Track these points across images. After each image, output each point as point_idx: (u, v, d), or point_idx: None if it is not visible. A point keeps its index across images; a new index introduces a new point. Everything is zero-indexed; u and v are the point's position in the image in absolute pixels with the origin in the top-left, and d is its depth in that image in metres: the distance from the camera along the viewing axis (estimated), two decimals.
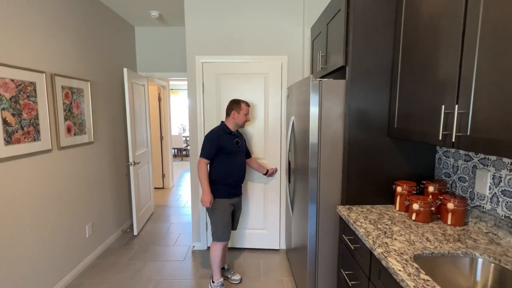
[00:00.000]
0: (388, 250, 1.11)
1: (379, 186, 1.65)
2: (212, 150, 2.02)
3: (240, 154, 2.13)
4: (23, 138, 1.80)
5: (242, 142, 2.17)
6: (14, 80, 1.74)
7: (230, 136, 2.08)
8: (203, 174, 2.00)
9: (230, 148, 2.05)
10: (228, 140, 2.06)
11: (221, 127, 2.11)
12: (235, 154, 2.08)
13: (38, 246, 1.92)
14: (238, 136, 2.16)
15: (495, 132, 0.89)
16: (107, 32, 2.86)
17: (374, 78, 1.56)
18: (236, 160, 2.09)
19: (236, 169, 2.09)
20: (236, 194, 2.14)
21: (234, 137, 2.10)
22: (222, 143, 2.03)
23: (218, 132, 2.07)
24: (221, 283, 2.09)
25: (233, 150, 2.06)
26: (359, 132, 1.61)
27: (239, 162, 2.12)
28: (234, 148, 2.07)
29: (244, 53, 2.57)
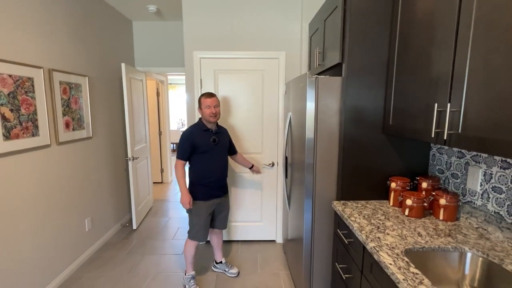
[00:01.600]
0: (380, 245, 1.14)
1: (374, 182, 1.68)
2: (187, 150, 1.94)
3: (218, 152, 2.01)
4: (21, 134, 1.81)
5: (222, 140, 2.04)
6: (12, 76, 1.74)
7: (206, 134, 1.97)
8: (179, 176, 1.94)
9: (205, 147, 1.95)
10: (203, 138, 1.95)
11: (197, 124, 2.02)
12: (211, 152, 1.97)
13: (38, 240, 1.95)
14: (218, 133, 2.03)
15: (484, 131, 0.91)
16: (104, 27, 2.84)
17: (370, 75, 1.57)
18: (212, 159, 1.98)
19: (213, 168, 1.99)
20: (216, 196, 2.04)
21: (211, 134, 1.99)
22: (196, 142, 1.93)
23: (193, 130, 1.97)
24: (191, 276, 2.11)
25: (209, 149, 1.96)
26: (354, 129, 1.63)
27: (217, 160, 2.01)
28: (210, 146, 1.96)
29: (242, 48, 2.57)
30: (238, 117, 2.65)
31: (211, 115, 1.94)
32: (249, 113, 2.65)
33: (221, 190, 2.08)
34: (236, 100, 2.63)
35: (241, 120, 2.66)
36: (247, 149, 2.69)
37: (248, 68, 2.59)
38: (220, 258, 2.33)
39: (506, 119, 0.83)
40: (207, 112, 1.94)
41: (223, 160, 2.07)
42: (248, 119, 2.65)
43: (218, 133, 2.04)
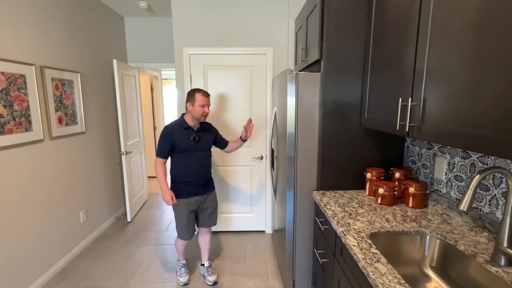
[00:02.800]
0: (348, 229, 1.23)
1: (352, 173, 1.77)
2: (165, 148, 1.89)
3: (199, 151, 1.93)
4: (15, 129, 1.88)
5: (204, 137, 1.97)
6: (4, 73, 1.80)
7: (186, 132, 1.89)
8: (158, 173, 1.91)
9: (184, 146, 1.88)
10: (183, 137, 1.88)
11: (178, 121, 1.93)
12: (191, 151, 1.90)
13: (34, 231, 2.04)
14: (200, 131, 1.95)
15: (439, 123, 1.00)
16: (96, 23, 2.89)
17: (347, 71, 1.65)
18: (191, 158, 1.91)
19: (193, 168, 1.93)
20: (198, 193, 1.99)
21: (192, 132, 1.91)
22: (175, 140, 1.87)
23: (172, 127, 1.90)
24: (182, 264, 2.19)
25: (188, 148, 1.89)
26: (333, 122, 1.71)
27: (197, 160, 1.94)
28: (190, 145, 1.89)
29: (231, 45, 2.63)
30: (228, 112, 2.73)
31: (204, 114, 1.89)
32: (238, 108, 2.72)
33: (203, 189, 2.01)
34: (225, 95, 2.70)
35: (230, 115, 2.73)
36: None
37: (236, 64, 2.66)
38: (205, 260, 2.24)
39: (458, 113, 0.92)
40: (200, 111, 1.86)
41: (204, 159, 1.99)
42: (237, 114, 2.73)
43: (200, 131, 1.96)
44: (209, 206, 2.09)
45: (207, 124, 2.06)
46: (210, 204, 2.10)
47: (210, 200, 2.09)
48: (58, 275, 2.23)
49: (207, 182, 2.04)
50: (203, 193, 2.02)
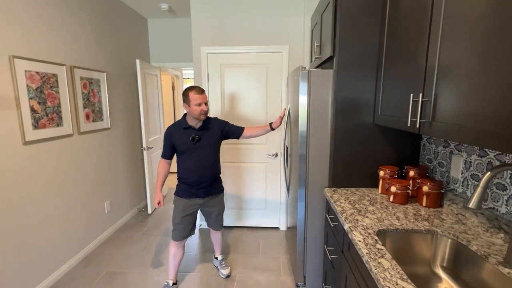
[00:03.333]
0: (356, 225, 1.23)
1: (365, 171, 1.75)
2: (167, 149, 1.89)
3: (200, 151, 1.85)
4: (48, 124, 2.05)
5: (208, 136, 1.87)
6: (39, 73, 1.97)
7: (185, 132, 1.83)
8: (157, 173, 1.94)
9: (183, 147, 1.83)
10: (181, 137, 1.83)
11: (179, 121, 1.89)
12: (190, 152, 1.84)
13: (63, 218, 2.21)
14: (202, 130, 1.86)
15: (450, 119, 0.97)
16: (121, 25, 3.06)
17: (360, 68, 1.63)
18: (190, 159, 1.84)
19: (193, 169, 1.85)
20: (198, 196, 1.91)
21: (192, 132, 1.83)
22: (174, 141, 1.85)
23: (172, 128, 1.87)
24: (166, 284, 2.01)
25: (187, 149, 1.83)
26: (345, 120, 1.70)
27: (197, 160, 1.85)
28: (189, 146, 1.82)
29: (247, 43, 2.67)
30: (243, 109, 2.78)
31: (202, 113, 1.79)
32: (253, 105, 2.76)
33: (205, 191, 1.92)
34: (241, 93, 2.76)
35: (246, 113, 2.78)
36: (251, 140, 2.81)
37: (252, 62, 2.70)
38: (217, 254, 2.29)
39: (469, 109, 0.89)
40: (197, 110, 1.77)
41: (207, 159, 1.87)
42: (253, 112, 2.77)
43: (203, 130, 1.86)
44: (212, 210, 2.01)
45: (211, 120, 1.93)
46: (214, 208, 2.00)
47: (213, 203, 1.99)
48: (84, 260, 2.40)
49: (210, 184, 1.93)
50: (203, 196, 1.92)
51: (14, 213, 1.79)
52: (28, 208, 1.90)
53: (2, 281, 1.71)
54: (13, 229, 1.79)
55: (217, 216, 2.05)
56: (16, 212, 1.80)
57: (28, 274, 1.89)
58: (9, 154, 1.76)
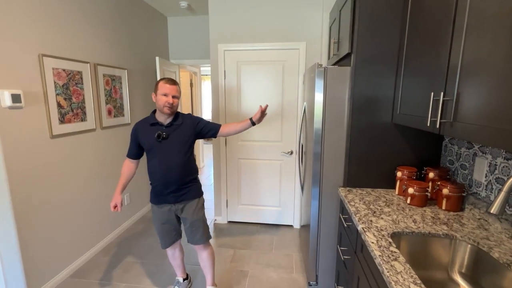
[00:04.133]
0: (369, 227, 1.21)
1: (382, 171, 1.70)
2: (132, 147, 1.72)
3: (165, 150, 1.62)
4: (73, 119, 2.16)
5: (176, 134, 1.64)
6: (65, 70, 2.08)
7: (152, 128, 1.63)
8: (121, 173, 1.77)
9: (147, 144, 1.64)
10: (146, 134, 1.64)
11: (147, 117, 1.71)
12: (154, 151, 1.64)
13: (86, 209, 2.33)
14: (171, 126, 1.64)
15: (474, 120, 0.93)
16: (142, 23, 3.14)
17: (379, 65, 1.58)
18: (155, 159, 1.64)
19: (156, 170, 1.65)
20: (168, 201, 1.69)
21: (158, 129, 1.63)
22: (139, 138, 1.67)
23: (138, 124, 1.70)
24: (176, 281, 2.00)
25: (151, 147, 1.63)
26: (362, 118, 1.66)
27: (162, 161, 1.63)
28: (153, 144, 1.62)
29: (264, 40, 2.67)
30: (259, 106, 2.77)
31: (166, 105, 1.58)
32: (269, 102, 2.75)
33: (175, 197, 1.68)
34: (258, 90, 2.76)
35: None
36: (267, 137, 2.81)
37: (269, 59, 2.69)
38: (208, 285, 1.90)
39: (494, 109, 0.85)
40: (163, 100, 1.57)
41: (174, 160, 1.63)
42: (269, 109, 2.76)
43: (171, 127, 1.65)
44: (186, 218, 1.72)
45: (183, 116, 1.71)
46: (188, 216, 1.72)
47: (188, 211, 1.72)
48: (104, 250, 2.52)
49: (179, 188, 1.68)
50: (174, 202, 1.70)
51: (41, 202, 1.91)
52: (54, 198, 2.02)
53: (29, 268, 1.84)
54: (39, 218, 1.91)
55: (191, 226, 1.73)
56: (42, 202, 1.92)
57: (53, 260, 2.02)
58: (38, 147, 1.87)
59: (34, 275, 1.86)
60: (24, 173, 1.78)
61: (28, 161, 1.80)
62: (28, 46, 1.79)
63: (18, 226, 1.75)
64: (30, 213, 1.83)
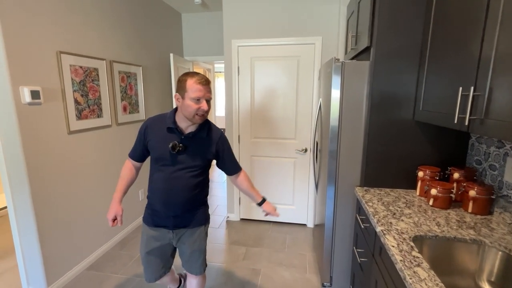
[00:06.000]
0: (389, 229, 1.15)
1: (402, 170, 1.62)
2: (137, 146, 1.38)
3: (177, 167, 1.28)
4: (89, 115, 2.19)
5: (195, 150, 1.29)
6: (82, 67, 2.11)
7: (168, 135, 1.28)
8: (120, 176, 1.44)
9: (156, 152, 1.29)
10: (160, 139, 1.28)
11: (165, 115, 1.33)
12: (163, 164, 1.29)
13: (102, 203, 2.37)
14: (192, 138, 1.29)
15: (507, 117, 0.85)
16: (157, 20, 3.15)
17: (400, 60, 1.50)
18: (161, 173, 1.30)
19: (158, 187, 1.32)
20: (164, 225, 1.35)
21: (176, 137, 1.27)
22: (150, 141, 1.31)
23: (153, 121, 1.33)
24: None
25: (161, 157, 1.28)
26: (381, 115, 1.59)
27: (168, 179, 1.29)
28: (165, 154, 1.27)
29: (278, 35, 2.61)
30: (273, 103, 2.73)
31: (199, 113, 1.22)
32: (283, 99, 2.70)
33: (175, 222, 1.35)
34: (271, 86, 2.71)
35: (276, 107, 2.73)
36: (280, 135, 2.77)
37: (283, 55, 2.63)
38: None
39: None
40: (193, 107, 1.20)
41: (184, 182, 1.30)
42: (283, 106, 2.72)
43: (193, 138, 1.29)
44: (185, 247, 1.41)
45: (211, 128, 1.35)
46: (188, 245, 1.40)
47: (188, 239, 1.40)
48: (120, 243, 2.57)
49: (182, 215, 1.35)
50: (173, 227, 1.36)
51: (59, 197, 1.96)
52: (72, 193, 2.06)
53: (48, 260, 1.89)
54: (57, 212, 1.96)
55: (191, 255, 1.42)
56: (60, 196, 1.97)
57: (70, 253, 2.07)
58: (56, 142, 1.91)
59: (52, 268, 1.91)
60: (43, 168, 1.82)
61: (46, 156, 1.85)
62: (47, 43, 1.82)
63: (38, 219, 1.80)
64: (48, 207, 1.87)
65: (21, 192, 1.74)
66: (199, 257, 1.45)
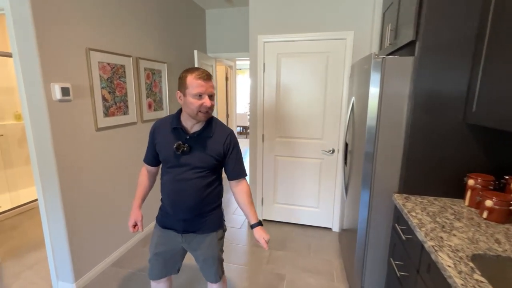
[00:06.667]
0: (441, 245, 1.02)
1: (447, 178, 1.47)
2: (148, 151, 1.37)
3: (182, 168, 1.24)
4: (116, 112, 2.20)
5: (201, 149, 1.23)
6: (110, 64, 2.11)
7: (173, 134, 1.25)
8: (138, 182, 1.45)
9: (163, 154, 1.27)
10: (165, 139, 1.26)
11: (171, 116, 1.30)
12: (170, 165, 1.27)
13: (127, 200, 2.38)
14: (197, 138, 1.23)
15: None
16: (181, 17, 3.13)
17: (450, 54, 1.35)
18: (169, 175, 1.28)
19: (166, 190, 1.30)
20: (174, 228, 1.33)
21: (181, 137, 1.23)
22: (156, 142, 1.31)
23: (160, 123, 1.32)
24: None
25: (167, 159, 1.26)
26: (426, 116, 1.44)
27: (175, 180, 1.26)
28: (170, 155, 1.24)
29: (306, 30, 2.49)
30: (299, 101, 2.62)
31: (202, 110, 1.17)
32: (310, 97, 2.59)
33: (184, 226, 1.31)
34: (298, 84, 2.60)
35: (302, 105, 2.62)
36: (306, 134, 2.66)
37: (311, 51, 2.51)
38: None
39: None
40: (195, 104, 1.15)
41: (190, 183, 1.24)
42: (310, 104, 2.60)
43: (199, 138, 1.24)
44: (198, 254, 1.36)
45: (217, 126, 1.29)
46: (201, 251, 1.34)
47: (200, 245, 1.33)
48: (142, 241, 2.58)
49: (192, 219, 1.30)
50: (182, 231, 1.32)
51: (86, 193, 1.97)
52: (98, 189, 2.07)
53: (76, 256, 1.91)
54: (85, 208, 1.97)
55: (204, 262, 1.37)
56: (87, 192, 1.98)
57: (96, 249, 2.09)
58: (85, 139, 1.92)
59: (79, 263, 1.94)
60: (71, 164, 1.84)
61: (75, 153, 1.86)
62: (77, 40, 1.82)
63: (66, 213, 1.81)
64: (76, 202, 1.89)
65: (51, 186, 1.76)
66: (213, 264, 1.38)
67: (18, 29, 1.58)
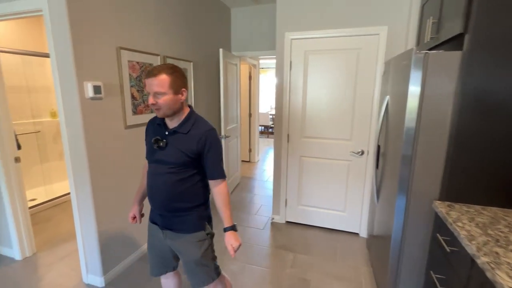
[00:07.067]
0: (498, 262, 0.91)
1: (498, 185, 1.33)
2: (146, 146, 1.38)
3: (160, 161, 1.26)
4: (144, 110, 2.23)
5: (176, 146, 1.23)
6: (139, 62, 2.14)
7: (156, 130, 1.30)
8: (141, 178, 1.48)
9: (147, 148, 1.34)
10: (150, 134, 1.33)
11: None
12: (150, 159, 1.31)
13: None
14: (175, 134, 1.24)
15: None
16: (207, 15, 3.13)
17: (506, 49, 1.21)
18: (150, 169, 1.32)
19: (147, 182, 1.33)
20: (157, 223, 1.36)
21: (161, 132, 1.27)
22: (146, 137, 1.37)
23: (151, 120, 1.38)
24: None
25: (148, 152, 1.32)
26: (473, 117, 1.31)
27: (151, 174, 1.30)
28: (150, 149, 1.30)
29: (336, 26, 2.39)
30: (327, 101, 2.53)
31: (152, 107, 1.29)
32: (339, 96, 2.48)
33: (163, 221, 1.33)
34: (326, 82, 2.50)
35: (330, 104, 2.52)
36: (334, 135, 2.55)
37: (341, 48, 2.41)
38: None
39: None
40: (149, 101, 1.19)
41: (163, 179, 1.26)
42: (338, 103, 2.49)
43: (174, 134, 1.24)
44: (180, 256, 1.36)
45: (194, 124, 1.26)
46: (180, 252, 1.34)
47: (177, 244, 1.33)
48: None
49: (168, 215, 1.30)
50: (162, 227, 1.34)
51: (116, 190, 2.01)
52: (127, 187, 2.11)
53: (105, 250, 1.96)
54: (114, 204, 2.02)
55: (185, 265, 1.35)
56: (117, 189, 2.02)
57: (124, 244, 2.13)
58: (114, 136, 1.96)
59: (108, 257, 1.98)
60: (102, 161, 1.88)
61: (105, 150, 1.90)
62: (108, 39, 1.86)
63: (96, 209, 1.86)
64: (106, 199, 1.94)
65: (82, 181, 1.82)
66: (195, 269, 1.33)
67: (55, 30, 1.64)
